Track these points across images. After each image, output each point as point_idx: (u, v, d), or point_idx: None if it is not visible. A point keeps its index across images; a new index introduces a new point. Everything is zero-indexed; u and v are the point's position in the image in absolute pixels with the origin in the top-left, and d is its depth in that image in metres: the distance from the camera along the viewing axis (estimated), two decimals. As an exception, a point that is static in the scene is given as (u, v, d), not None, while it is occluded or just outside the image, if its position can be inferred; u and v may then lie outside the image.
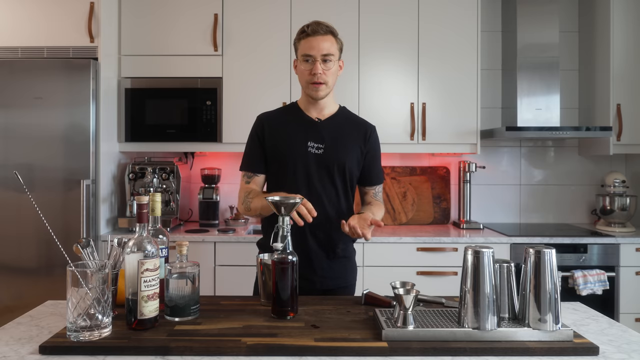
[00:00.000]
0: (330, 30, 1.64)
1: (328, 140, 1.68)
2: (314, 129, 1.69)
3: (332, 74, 1.65)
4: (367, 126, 1.79)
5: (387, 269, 2.63)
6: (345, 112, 1.79)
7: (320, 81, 1.62)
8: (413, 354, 1.05)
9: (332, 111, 1.74)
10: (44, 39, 2.65)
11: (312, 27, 1.62)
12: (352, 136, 1.72)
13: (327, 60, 1.62)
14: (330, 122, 1.71)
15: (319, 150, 1.67)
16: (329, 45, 1.62)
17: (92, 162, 2.58)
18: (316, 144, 1.67)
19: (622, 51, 2.90)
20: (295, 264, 1.27)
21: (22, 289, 2.53)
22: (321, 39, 1.61)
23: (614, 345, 1.12)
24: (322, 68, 1.61)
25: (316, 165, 1.66)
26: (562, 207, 3.27)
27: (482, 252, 1.11)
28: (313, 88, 1.64)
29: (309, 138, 1.68)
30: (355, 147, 1.72)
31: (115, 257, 1.29)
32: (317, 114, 1.71)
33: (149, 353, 1.05)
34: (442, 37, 2.91)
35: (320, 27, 1.62)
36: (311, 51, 1.61)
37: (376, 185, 1.81)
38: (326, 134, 1.69)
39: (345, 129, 1.72)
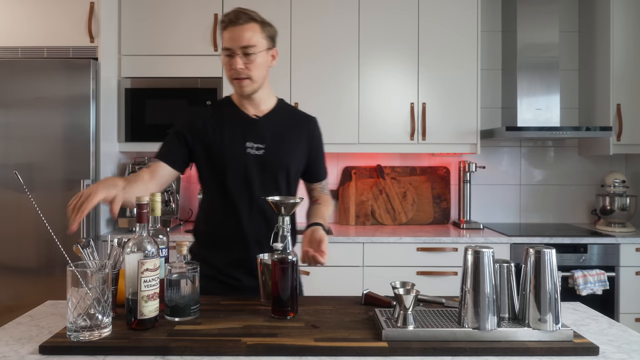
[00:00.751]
0: (252, 18, 1.46)
1: (269, 140, 1.53)
2: (252, 127, 1.54)
3: (257, 66, 1.47)
4: (310, 120, 1.65)
5: (387, 269, 2.63)
6: (285, 105, 1.65)
7: (243, 76, 1.46)
8: (413, 354, 1.05)
9: (270, 106, 1.59)
10: (44, 39, 2.65)
11: (230, 16, 1.46)
12: (295, 133, 1.59)
13: (248, 53, 1.45)
14: (269, 119, 1.57)
15: (259, 151, 1.52)
16: (250, 35, 1.44)
17: (92, 162, 2.58)
18: (255, 144, 1.52)
19: (622, 51, 2.90)
20: (295, 264, 1.27)
21: (22, 289, 2.53)
22: (240, 29, 1.44)
23: (614, 345, 1.12)
24: (243, 61, 1.45)
25: (257, 167, 1.51)
26: (562, 207, 3.27)
27: (482, 252, 1.11)
28: (236, 84, 1.49)
29: (247, 138, 1.52)
30: (299, 144, 1.59)
31: (115, 257, 1.29)
32: (254, 110, 1.56)
33: (149, 353, 1.05)
34: (442, 37, 2.91)
35: (240, 15, 1.45)
36: (230, 43, 1.45)
37: (323, 180, 1.71)
38: (266, 132, 1.54)
39: (287, 126, 1.58)
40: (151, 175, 1.48)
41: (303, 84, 2.89)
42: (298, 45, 2.89)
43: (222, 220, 1.55)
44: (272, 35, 1.53)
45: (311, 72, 2.90)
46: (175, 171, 1.53)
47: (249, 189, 1.52)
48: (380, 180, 3.19)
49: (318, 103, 2.88)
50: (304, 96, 2.89)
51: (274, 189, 1.54)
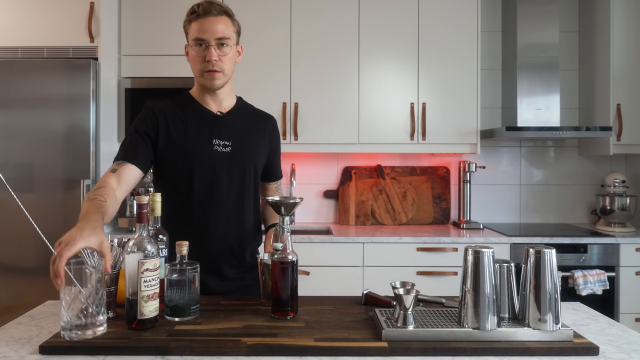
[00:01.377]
0: (224, 11, 1.45)
1: (235, 137, 1.50)
2: (217, 124, 1.50)
3: (229, 60, 1.46)
4: (270, 119, 1.64)
5: (387, 269, 2.63)
6: (245, 104, 1.63)
7: (216, 69, 1.43)
8: (413, 354, 1.05)
9: (232, 104, 1.56)
10: (44, 39, 2.65)
11: (203, 6, 1.42)
12: (258, 131, 1.57)
13: (223, 45, 1.43)
14: (233, 116, 1.54)
15: (227, 149, 1.48)
16: (223, 28, 1.42)
17: (92, 162, 2.58)
18: (222, 141, 1.48)
19: (622, 51, 2.90)
20: (295, 263, 1.27)
21: (22, 289, 2.53)
22: (214, 21, 1.41)
23: (614, 345, 1.12)
24: (218, 54, 1.42)
25: (225, 166, 1.48)
26: (562, 207, 3.27)
27: (482, 252, 1.11)
28: (208, 77, 1.44)
29: (213, 135, 1.48)
30: (262, 142, 1.58)
31: (115, 257, 1.29)
32: (216, 106, 1.52)
33: (149, 353, 1.05)
34: (442, 37, 2.91)
35: (213, 6, 1.42)
36: (204, 34, 1.41)
37: (279, 179, 1.70)
38: (232, 129, 1.51)
39: (250, 124, 1.56)
40: (118, 180, 1.38)
41: (303, 83, 2.89)
42: (298, 43, 2.89)
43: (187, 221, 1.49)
44: (239, 31, 1.52)
45: (311, 71, 2.90)
46: (141, 172, 1.44)
47: (217, 187, 1.48)
48: (380, 180, 3.19)
49: (318, 102, 2.88)
50: (303, 95, 2.89)
51: (242, 187, 1.52)
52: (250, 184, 1.54)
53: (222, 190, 1.49)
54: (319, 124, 2.87)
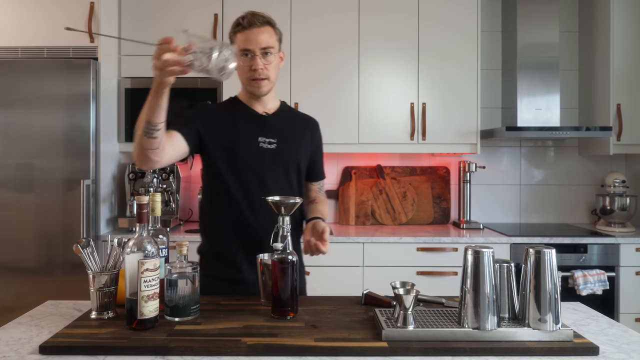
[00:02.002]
0: (267, 21, 1.53)
1: (280, 135, 1.58)
2: (263, 124, 1.59)
3: (274, 67, 1.55)
4: (313, 122, 1.73)
5: (387, 269, 2.63)
6: (288, 107, 1.72)
7: (262, 77, 1.52)
8: (413, 354, 1.05)
9: (276, 106, 1.65)
10: (44, 39, 2.65)
11: (247, 18, 1.51)
12: (301, 131, 1.66)
13: (267, 54, 1.51)
14: (278, 117, 1.62)
15: (272, 145, 1.57)
16: (267, 38, 1.51)
17: (92, 162, 2.58)
18: (267, 138, 1.57)
19: (622, 51, 2.90)
20: (295, 263, 1.27)
21: (22, 289, 2.53)
22: (258, 31, 1.50)
23: (614, 345, 1.12)
24: (263, 62, 1.51)
25: (270, 161, 1.56)
26: (562, 207, 3.27)
27: (482, 252, 1.11)
28: (255, 85, 1.53)
29: (260, 133, 1.57)
30: (305, 142, 1.66)
31: (115, 257, 1.29)
32: (262, 108, 1.61)
33: (149, 353, 1.05)
34: (442, 37, 2.91)
35: (257, 18, 1.51)
36: (249, 45, 1.50)
37: (321, 180, 1.76)
38: (276, 128, 1.59)
39: (294, 124, 1.66)
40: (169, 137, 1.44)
41: (303, 83, 2.89)
42: (298, 44, 2.89)
43: (232, 215, 1.55)
44: (281, 38, 1.60)
45: (311, 71, 2.90)
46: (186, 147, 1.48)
47: (261, 182, 1.54)
48: (380, 180, 3.19)
49: (318, 102, 2.88)
50: (303, 95, 2.89)
51: (286, 183, 1.58)
52: (294, 180, 1.61)
53: (267, 185, 1.54)
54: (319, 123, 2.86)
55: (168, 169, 2.87)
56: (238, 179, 1.54)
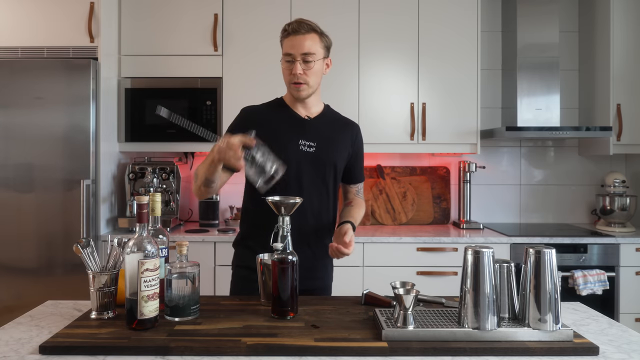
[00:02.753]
0: (312, 29, 1.58)
1: (319, 139, 1.64)
2: (304, 127, 1.65)
3: (314, 73, 1.59)
4: (354, 126, 1.77)
5: (387, 269, 2.63)
6: (331, 111, 1.77)
7: (301, 81, 1.58)
8: (413, 354, 1.05)
9: (319, 110, 1.71)
10: (44, 39, 2.65)
11: (293, 25, 1.58)
12: (340, 135, 1.70)
13: (308, 61, 1.57)
14: (319, 121, 1.68)
15: (311, 149, 1.62)
16: (310, 44, 1.56)
17: (92, 162, 2.58)
18: (307, 142, 1.63)
19: (622, 51, 2.90)
20: (295, 264, 1.27)
21: (22, 289, 2.53)
22: (302, 38, 1.56)
23: (614, 345, 1.12)
24: (303, 68, 1.57)
25: (308, 164, 1.62)
26: (562, 207, 3.27)
27: (482, 252, 1.11)
28: (294, 88, 1.60)
29: (300, 136, 1.63)
30: (344, 146, 1.70)
31: (115, 257, 1.29)
32: (305, 112, 1.68)
33: (149, 353, 1.05)
34: (442, 37, 2.91)
35: (302, 25, 1.57)
36: (291, 50, 1.57)
37: (359, 183, 1.81)
38: (317, 132, 1.65)
39: (334, 128, 1.70)
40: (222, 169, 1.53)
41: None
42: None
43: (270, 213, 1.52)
44: (328, 46, 1.65)
45: (311, 72, 2.89)
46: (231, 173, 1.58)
47: (299, 183, 1.60)
48: (380, 180, 3.19)
49: (318, 103, 2.88)
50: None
51: (322, 185, 1.64)
52: (330, 183, 1.66)
53: (304, 186, 1.61)
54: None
55: (168, 168, 2.87)
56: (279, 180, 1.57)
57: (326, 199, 1.67)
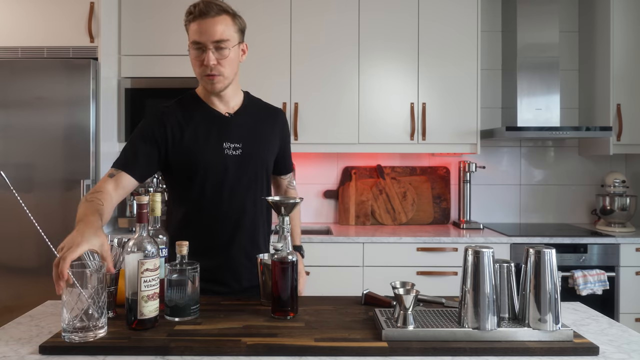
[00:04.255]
0: (223, 9, 1.37)
1: (245, 138, 1.47)
2: (227, 127, 1.46)
3: (230, 62, 1.39)
4: (279, 113, 1.60)
5: (387, 269, 2.63)
6: (253, 100, 1.58)
7: (215, 73, 1.38)
8: (413, 354, 1.05)
9: (239, 102, 1.52)
10: (44, 39, 2.65)
11: (199, 7, 1.35)
12: (267, 127, 1.54)
13: (221, 48, 1.36)
14: (242, 116, 1.50)
15: (237, 151, 1.45)
16: (222, 29, 1.35)
17: (92, 162, 2.58)
18: (232, 143, 1.45)
19: (622, 51, 2.90)
20: (295, 263, 1.27)
21: (22, 289, 2.53)
22: (212, 22, 1.34)
23: (614, 345, 1.12)
24: (216, 57, 1.36)
25: (236, 167, 1.45)
26: (562, 207, 3.27)
27: (482, 252, 1.11)
28: (207, 81, 1.40)
29: (224, 138, 1.45)
30: (272, 138, 1.55)
31: (115, 257, 1.29)
32: (224, 107, 1.49)
33: (149, 353, 1.05)
34: (442, 37, 2.91)
35: (211, 6, 1.35)
36: (201, 37, 1.35)
37: (289, 173, 1.68)
38: (241, 130, 1.47)
39: (260, 121, 1.53)
40: (116, 186, 1.37)
41: (303, 83, 2.89)
42: (298, 43, 2.89)
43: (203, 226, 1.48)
44: (242, 29, 1.45)
45: (311, 71, 2.90)
46: (135, 183, 1.41)
47: (228, 189, 1.46)
48: (380, 180, 3.19)
49: (318, 102, 2.88)
50: (303, 95, 2.89)
51: (255, 186, 1.51)
52: (263, 183, 1.54)
53: (233, 192, 1.47)
54: (319, 124, 2.87)
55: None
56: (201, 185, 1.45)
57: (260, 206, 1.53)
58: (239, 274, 1.52)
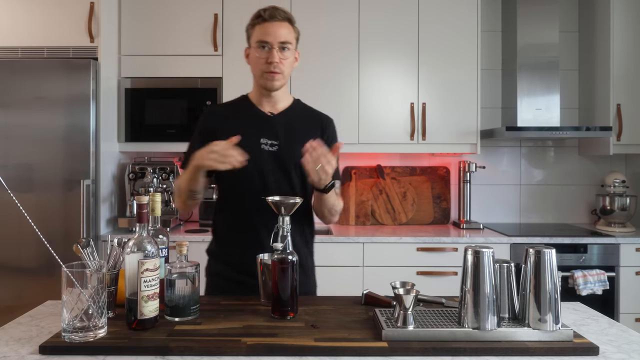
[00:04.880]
0: (287, 17, 1.53)
1: (282, 136, 1.56)
2: (267, 124, 1.58)
3: (289, 64, 1.54)
4: (323, 118, 1.68)
5: (387, 269, 2.63)
6: (301, 105, 1.69)
7: (277, 70, 1.51)
8: (413, 354, 1.05)
9: (287, 104, 1.63)
10: (44, 39, 2.65)
11: (269, 11, 1.51)
12: (307, 130, 1.60)
13: (284, 49, 1.51)
14: (284, 116, 1.60)
15: (273, 147, 1.55)
16: (286, 33, 1.51)
17: (92, 162, 2.58)
18: (270, 140, 1.55)
19: (622, 51, 2.90)
20: (295, 263, 1.27)
21: (22, 289, 2.53)
22: (279, 25, 1.50)
23: (614, 345, 1.12)
24: (279, 56, 1.50)
25: (271, 163, 1.54)
26: (562, 207, 3.27)
27: (482, 252, 1.11)
28: (268, 77, 1.52)
29: (262, 134, 1.56)
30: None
31: (115, 257, 1.29)
32: (270, 107, 1.60)
33: (149, 353, 1.05)
34: (442, 37, 2.91)
35: (278, 12, 1.51)
36: (267, 37, 1.49)
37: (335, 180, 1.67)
38: (280, 129, 1.57)
39: (301, 123, 1.61)
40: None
41: (303, 83, 2.89)
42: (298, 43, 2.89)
43: (237, 217, 1.56)
44: (298, 37, 1.60)
45: (311, 72, 2.90)
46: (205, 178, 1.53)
47: (264, 184, 1.54)
48: (380, 180, 3.19)
49: (318, 103, 2.86)
50: (303, 95, 2.84)
51: (288, 185, 1.56)
52: (296, 182, 1.57)
53: (269, 187, 1.53)
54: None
55: (168, 168, 2.87)
56: (241, 181, 1.53)
57: None
58: None
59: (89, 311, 1.08)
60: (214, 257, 1.65)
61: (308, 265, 1.69)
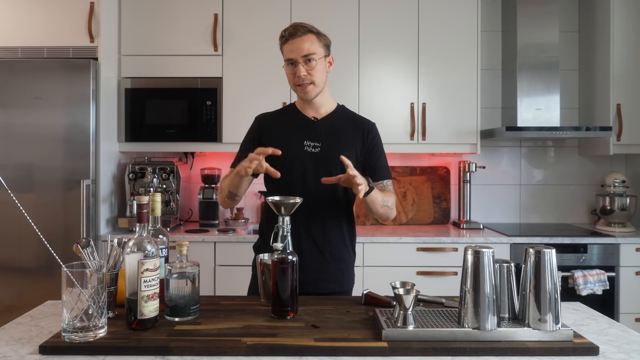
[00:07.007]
0: (309, 30, 1.62)
1: (324, 139, 1.66)
2: (309, 128, 1.68)
3: (318, 72, 1.63)
4: (365, 123, 1.77)
5: (387, 269, 2.63)
6: (344, 110, 1.79)
7: (306, 82, 1.61)
8: (413, 354, 1.05)
9: (329, 109, 1.73)
10: (44, 39, 2.65)
11: (289, 30, 1.62)
12: (349, 134, 1.70)
13: (310, 60, 1.60)
14: (327, 121, 1.70)
15: (316, 149, 1.65)
16: (309, 45, 1.60)
17: (92, 162, 2.58)
18: (312, 142, 1.66)
19: (622, 51, 2.90)
20: (295, 264, 1.27)
21: (22, 289, 2.53)
22: (300, 41, 1.60)
23: (614, 345, 1.12)
24: (305, 69, 1.60)
25: (313, 164, 1.64)
26: (562, 207, 3.27)
27: (482, 252, 1.11)
28: (300, 90, 1.64)
29: (305, 137, 1.66)
30: (352, 145, 1.69)
31: (115, 257, 1.29)
32: (313, 112, 1.71)
33: (149, 353, 1.05)
34: (442, 37, 2.91)
35: (298, 29, 1.61)
36: (292, 55, 1.61)
37: (383, 179, 1.74)
38: (322, 132, 1.67)
39: (343, 127, 1.71)
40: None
41: (303, 84, 2.89)
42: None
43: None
44: (327, 44, 1.68)
45: (311, 72, 2.89)
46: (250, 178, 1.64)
47: (305, 184, 1.63)
48: (380, 180, 3.18)
49: (318, 103, 2.88)
50: (304, 96, 2.88)
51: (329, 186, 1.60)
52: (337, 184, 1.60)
53: (309, 187, 1.62)
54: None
55: (168, 168, 2.87)
56: (284, 180, 1.58)
57: (335, 201, 1.67)
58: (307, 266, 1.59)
59: (89, 311, 1.08)
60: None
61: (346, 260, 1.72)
